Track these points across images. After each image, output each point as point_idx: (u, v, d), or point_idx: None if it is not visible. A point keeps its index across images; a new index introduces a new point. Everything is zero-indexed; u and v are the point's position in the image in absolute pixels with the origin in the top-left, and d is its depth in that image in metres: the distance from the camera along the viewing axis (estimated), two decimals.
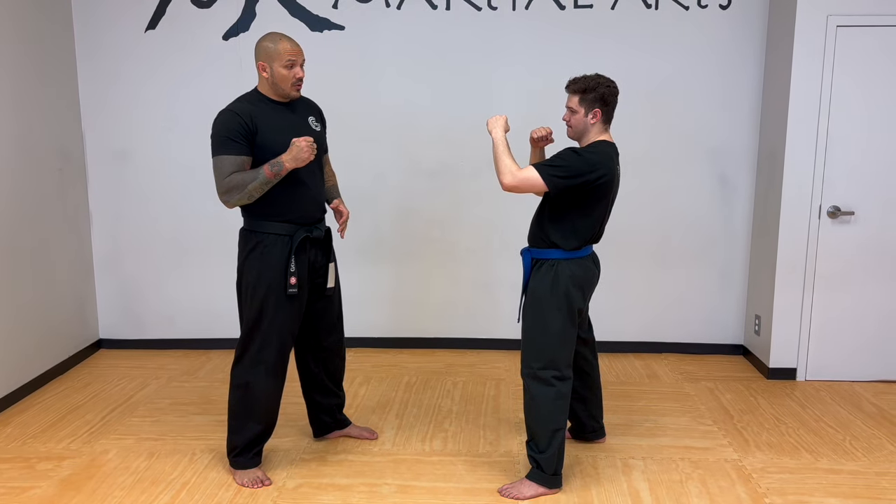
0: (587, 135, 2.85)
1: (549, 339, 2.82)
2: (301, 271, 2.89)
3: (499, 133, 2.83)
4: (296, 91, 2.84)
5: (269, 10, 4.37)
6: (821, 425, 3.58)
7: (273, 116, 2.82)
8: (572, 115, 2.84)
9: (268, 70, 2.79)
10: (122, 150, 4.55)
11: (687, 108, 4.40)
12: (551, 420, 2.82)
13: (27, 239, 3.97)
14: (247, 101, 2.84)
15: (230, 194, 2.74)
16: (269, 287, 2.84)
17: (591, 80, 2.80)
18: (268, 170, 2.73)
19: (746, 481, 3.01)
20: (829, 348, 4.17)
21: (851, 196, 4.03)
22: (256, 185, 2.73)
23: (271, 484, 2.97)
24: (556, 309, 2.81)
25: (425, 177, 4.53)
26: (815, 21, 3.88)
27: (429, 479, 3.02)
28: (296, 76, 2.81)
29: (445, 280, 4.66)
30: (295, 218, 2.87)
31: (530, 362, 2.85)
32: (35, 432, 3.48)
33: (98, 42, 4.43)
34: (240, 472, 2.99)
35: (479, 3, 4.35)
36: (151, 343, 4.74)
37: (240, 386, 2.92)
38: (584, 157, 2.72)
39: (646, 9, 4.30)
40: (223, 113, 2.79)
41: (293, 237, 2.85)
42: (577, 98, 2.81)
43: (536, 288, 2.85)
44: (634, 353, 4.66)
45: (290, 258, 2.83)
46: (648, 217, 4.51)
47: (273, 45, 2.77)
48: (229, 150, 2.72)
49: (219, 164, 2.74)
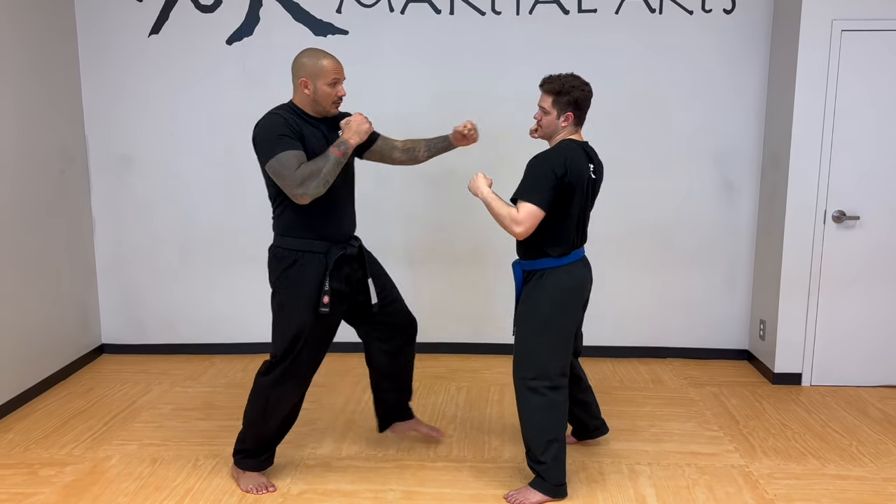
0: (556, 137, 2.82)
1: (541, 349, 2.79)
2: (339, 288, 2.86)
3: (485, 191, 2.78)
4: (335, 109, 2.82)
5: (273, 14, 4.37)
6: (827, 431, 3.56)
7: (313, 131, 2.79)
8: (544, 116, 2.80)
9: (310, 87, 2.75)
10: (125, 155, 4.54)
11: (691, 113, 4.39)
12: (545, 430, 2.80)
13: (30, 244, 3.96)
14: (285, 111, 2.79)
15: (306, 184, 2.65)
16: (306, 305, 2.81)
17: (567, 82, 2.75)
18: (335, 150, 2.69)
19: (753, 487, 3.00)
20: (834, 353, 4.15)
21: (857, 200, 4.02)
22: (329, 167, 2.67)
23: (275, 490, 2.95)
24: (547, 319, 2.78)
25: (429, 182, 4.52)
26: (820, 25, 3.88)
27: (434, 486, 3.01)
28: (338, 94, 2.79)
29: (448, 285, 4.65)
30: (329, 235, 2.84)
31: (522, 372, 2.82)
32: (38, 438, 3.46)
33: (101, 47, 4.43)
34: (245, 476, 2.98)
35: (482, 8, 4.34)
36: (154, 348, 4.73)
37: (265, 396, 2.90)
38: (549, 159, 2.69)
39: (650, 13, 4.30)
40: (268, 117, 2.75)
41: (327, 255, 2.83)
42: (551, 99, 2.76)
43: (528, 298, 2.83)
44: (638, 358, 4.64)
45: (325, 277, 2.81)
46: (652, 221, 4.50)
47: (316, 63, 2.74)
48: (287, 146, 2.66)
49: (282, 161, 2.64)
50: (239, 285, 4.64)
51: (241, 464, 3.00)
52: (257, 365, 4.42)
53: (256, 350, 4.69)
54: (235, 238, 4.59)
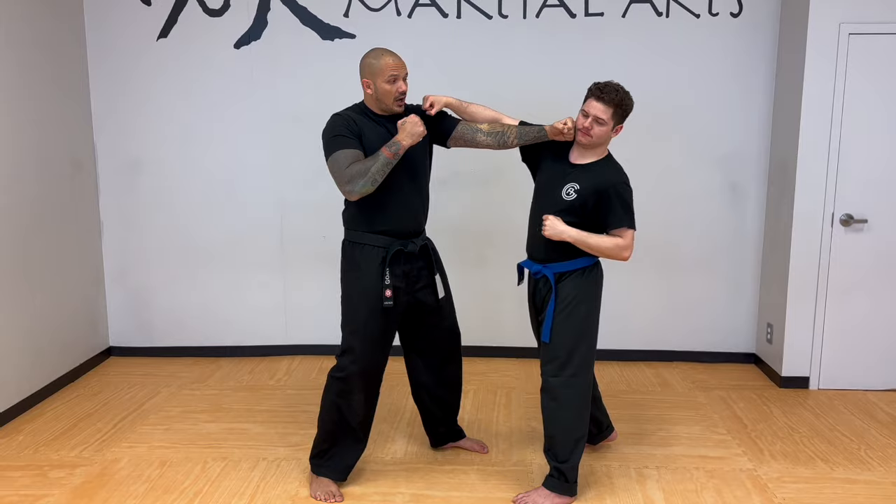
0: (602, 147, 2.85)
1: (585, 344, 2.83)
2: (397, 284, 2.88)
3: (571, 232, 2.75)
4: (398, 106, 2.84)
5: (281, 18, 4.39)
6: (835, 434, 3.56)
7: (376, 129, 2.83)
8: (597, 126, 2.75)
9: (371, 86, 2.81)
10: (133, 159, 4.56)
11: (698, 116, 4.39)
12: (577, 428, 2.83)
13: (38, 247, 3.98)
14: (353, 110, 2.87)
15: (353, 182, 2.70)
16: (366, 299, 2.85)
17: (625, 95, 2.75)
18: (386, 151, 2.71)
19: (762, 491, 2.99)
20: (842, 357, 4.14)
21: (864, 204, 4.01)
22: (378, 167, 2.70)
23: (342, 500, 2.93)
24: (592, 312, 2.85)
25: (436, 185, 4.49)
26: (828, 28, 3.88)
27: (442, 489, 3.01)
28: (398, 90, 2.81)
29: (455, 288, 4.63)
30: (391, 230, 2.86)
31: (564, 371, 2.82)
32: (47, 440, 3.48)
33: (110, 50, 4.45)
34: (316, 482, 2.97)
35: (489, 12, 4.35)
36: (162, 351, 4.74)
37: (332, 392, 2.91)
38: (628, 182, 2.81)
39: (656, 17, 4.30)
40: (332, 118, 2.83)
41: (388, 249, 2.85)
42: (612, 111, 2.73)
43: (570, 296, 2.82)
44: (645, 361, 4.63)
45: (385, 270, 2.83)
46: (659, 224, 4.50)
47: (375, 62, 2.79)
48: (342, 145, 2.73)
49: (336, 159, 2.72)
50: (246, 289, 4.65)
51: (316, 469, 2.99)
52: (265, 368, 4.49)
53: (264, 353, 4.71)
54: (243, 241, 4.60)
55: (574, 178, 2.81)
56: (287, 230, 4.60)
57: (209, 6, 4.39)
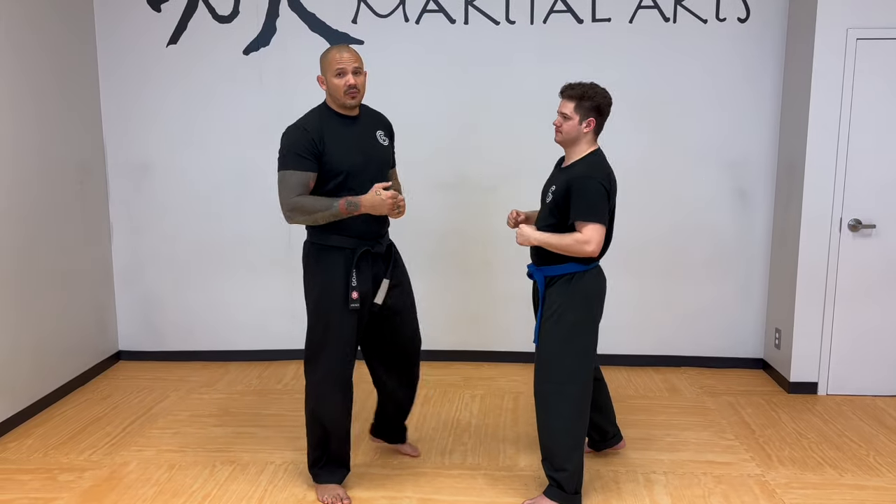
0: (578, 144, 2.83)
1: (570, 354, 2.79)
2: (364, 285, 2.89)
3: (536, 235, 2.79)
4: (350, 99, 2.81)
5: (290, 25, 4.41)
6: (843, 440, 3.54)
7: (340, 131, 2.83)
8: (565, 121, 2.81)
9: (325, 82, 2.83)
10: (142, 163, 4.59)
11: (706, 121, 4.39)
12: (570, 436, 2.79)
13: (48, 251, 4.01)
14: (316, 114, 2.86)
15: (294, 214, 2.76)
16: (333, 300, 2.85)
17: (588, 87, 2.79)
18: (343, 206, 2.74)
19: (770, 497, 2.98)
20: (850, 362, 4.13)
21: (873, 209, 4.00)
22: (326, 215, 2.75)
23: (350, 502, 2.94)
24: (579, 321, 2.80)
25: (442, 189, 4.55)
26: (835, 33, 3.87)
27: (449, 493, 3.01)
28: (346, 84, 2.79)
29: (462, 293, 4.66)
30: (357, 232, 2.86)
31: (549, 377, 2.82)
32: (56, 443, 3.50)
33: (120, 56, 4.49)
34: (321, 488, 2.99)
35: (496, 17, 4.37)
36: (170, 355, 4.77)
37: (314, 398, 2.92)
38: (600, 175, 2.73)
39: (664, 22, 4.31)
40: (292, 128, 2.81)
41: (355, 251, 2.85)
42: (573, 105, 2.78)
43: (555, 302, 2.82)
44: (653, 366, 4.63)
45: (352, 272, 2.84)
46: (667, 229, 4.50)
47: (326, 56, 2.82)
48: (296, 166, 2.74)
49: (285, 179, 2.76)
50: (255, 293, 4.67)
51: (316, 478, 3.01)
52: (273, 372, 4.51)
53: (272, 357, 4.72)
54: (251, 246, 4.62)
55: (555, 180, 2.86)
56: (295, 234, 4.61)
57: (219, 12, 4.43)
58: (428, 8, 4.38)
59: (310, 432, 2.98)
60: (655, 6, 4.30)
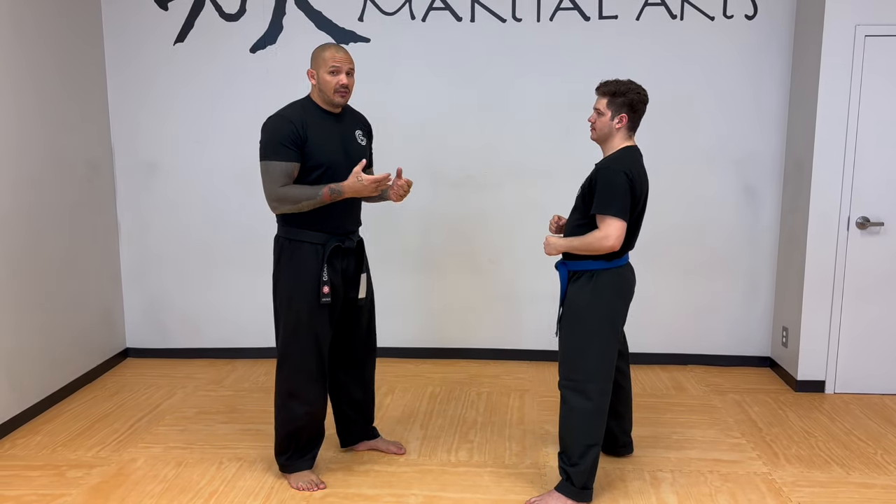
0: (611, 139, 2.83)
1: (592, 351, 2.79)
2: (334, 280, 2.92)
3: (561, 243, 2.83)
4: (339, 97, 2.85)
5: (296, 23, 4.42)
6: (851, 439, 3.53)
7: (322, 126, 2.86)
8: (598, 117, 2.82)
9: (315, 77, 2.86)
10: (150, 162, 4.61)
11: (713, 118, 4.38)
12: (587, 434, 2.80)
13: (56, 249, 4.03)
14: (299, 107, 2.88)
15: (281, 204, 2.80)
16: (304, 295, 2.87)
17: (622, 84, 2.79)
18: (327, 193, 2.78)
19: (777, 495, 2.98)
20: (858, 361, 4.11)
21: (881, 207, 3.98)
22: (312, 203, 2.79)
23: (325, 487, 3.00)
24: (598, 320, 2.80)
25: (449, 187, 4.54)
26: (843, 30, 3.85)
27: (455, 490, 3.01)
28: (339, 83, 2.83)
29: (468, 290, 4.66)
30: (329, 228, 2.90)
31: (571, 374, 2.82)
32: (64, 440, 3.52)
33: (127, 54, 4.50)
34: (293, 476, 3.02)
35: (503, 15, 4.36)
36: (178, 352, 4.78)
37: (285, 393, 2.95)
38: (622, 169, 2.69)
39: (671, 19, 4.30)
40: (275, 118, 2.84)
41: (325, 246, 2.88)
42: (606, 100, 2.79)
43: (576, 299, 2.82)
44: (660, 364, 4.62)
45: (323, 267, 2.86)
46: (674, 227, 4.49)
47: (320, 52, 2.85)
48: (280, 156, 2.78)
49: (268, 169, 2.79)
50: (262, 290, 4.67)
51: (284, 468, 3.05)
52: None
53: None
54: (259, 243, 4.63)
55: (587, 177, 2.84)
56: None
57: (225, 11, 4.43)
58: (434, 5, 4.38)
59: (280, 426, 2.99)
60: (662, 3, 4.29)
